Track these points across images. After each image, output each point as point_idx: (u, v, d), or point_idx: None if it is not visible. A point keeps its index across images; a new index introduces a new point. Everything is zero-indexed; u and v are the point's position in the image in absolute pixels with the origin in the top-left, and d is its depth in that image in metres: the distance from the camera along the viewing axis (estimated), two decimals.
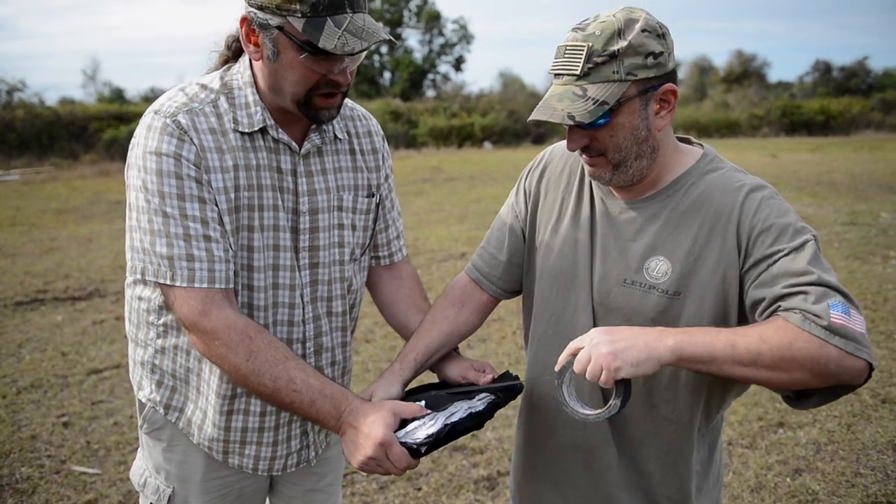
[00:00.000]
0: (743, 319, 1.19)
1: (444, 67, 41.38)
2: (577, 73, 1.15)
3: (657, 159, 1.24)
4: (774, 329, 1.06)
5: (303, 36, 1.19)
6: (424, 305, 1.61)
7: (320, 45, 1.18)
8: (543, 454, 1.43)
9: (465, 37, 41.09)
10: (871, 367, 1.06)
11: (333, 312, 1.48)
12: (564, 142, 1.37)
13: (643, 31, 1.15)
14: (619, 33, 1.14)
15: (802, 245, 1.12)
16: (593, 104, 1.14)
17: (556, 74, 1.20)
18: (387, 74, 39.46)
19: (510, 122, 27.61)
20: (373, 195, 1.52)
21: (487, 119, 27.09)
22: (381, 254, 1.62)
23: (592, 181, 1.34)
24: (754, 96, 36.33)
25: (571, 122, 1.14)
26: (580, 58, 1.15)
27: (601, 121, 1.16)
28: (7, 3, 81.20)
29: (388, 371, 1.42)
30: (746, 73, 44.07)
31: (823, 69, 43.67)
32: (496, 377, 1.40)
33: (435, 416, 1.22)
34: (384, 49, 38.74)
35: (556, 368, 1.17)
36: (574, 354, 1.14)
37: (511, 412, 3.51)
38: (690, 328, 1.13)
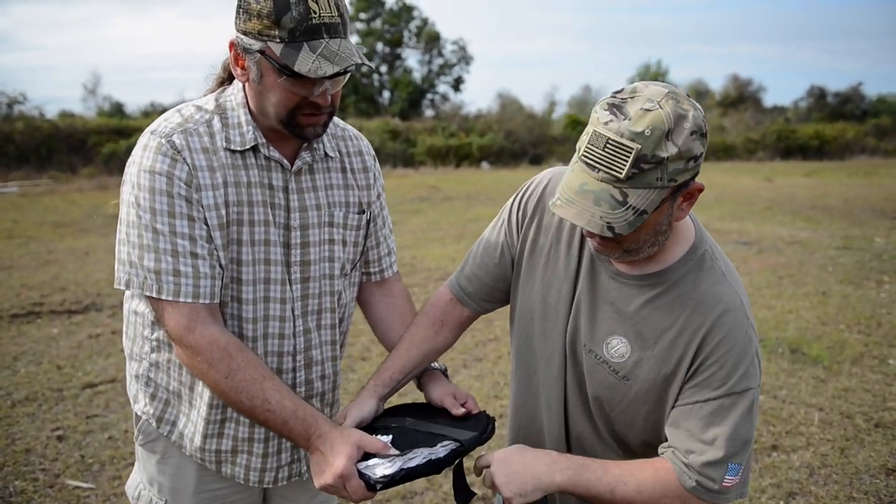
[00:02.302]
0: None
1: (442, 87, 41.66)
2: (620, 176, 1.05)
3: None
4: (655, 480, 1.20)
5: (281, 60, 1.25)
6: None
7: (295, 68, 1.24)
8: None
9: (464, 58, 41.44)
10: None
11: (323, 326, 1.52)
12: (556, 169, 1.40)
13: (692, 133, 1.06)
14: (669, 135, 1.04)
15: (739, 396, 1.17)
16: (633, 214, 1.06)
17: (590, 165, 1.08)
18: (386, 94, 39.68)
19: (508, 143, 27.75)
20: (363, 212, 1.56)
21: (485, 139, 27.22)
22: (371, 270, 1.66)
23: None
24: (750, 120, 36.61)
25: (611, 235, 1.08)
26: (626, 160, 1.04)
27: None
28: (7, 15, 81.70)
29: (365, 389, 1.45)
30: (742, 97, 44.45)
31: (818, 94, 44.07)
32: (472, 413, 1.43)
33: (393, 460, 1.26)
34: (384, 68, 39.04)
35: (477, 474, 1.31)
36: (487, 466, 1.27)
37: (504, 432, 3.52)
38: (583, 465, 1.23)
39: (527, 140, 28.55)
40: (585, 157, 1.09)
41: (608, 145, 1.05)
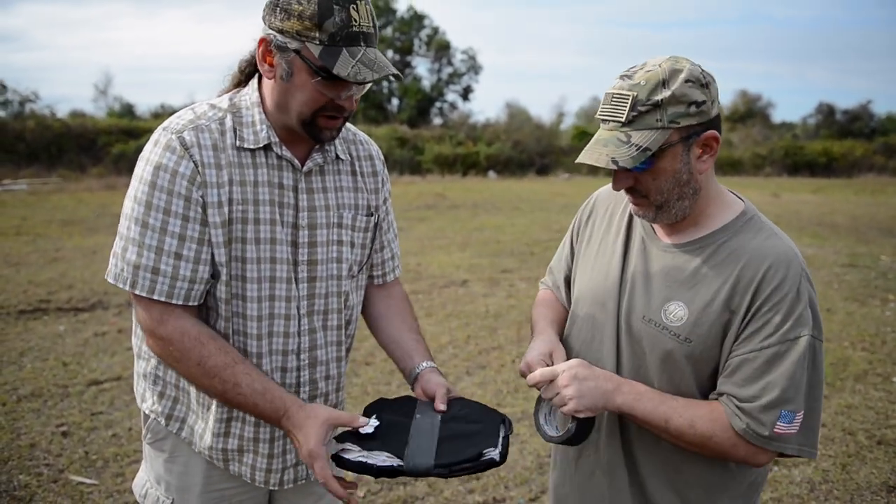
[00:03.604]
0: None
1: (451, 96, 41.80)
2: (622, 120, 1.23)
3: (700, 200, 1.32)
4: (709, 418, 1.25)
5: (319, 62, 1.28)
6: (414, 324, 1.67)
7: (335, 71, 1.27)
8: (571, 475, 1.51)
9: (474, 67, 41.60)
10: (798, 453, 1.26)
11: (329, 326, 1.53)
12: (606, 187, 1.54)
13: (687, 81, 1.21)
14: (664, 83, 1.21)
15: (793, 343, 1.22)
16: (636, 150, 1.21)
17: (602, 120, 1.27)
18: (395, 101, 39.84)
19: (515, 153, 27.81)
20: (371, 215, 1.58)
21: (492, 148, 27.30)
22: (375, 273, 1.68)
23: (637, 221, 1.44)
24: (758, 136, 36.57)
25: (615, 167, 1.22)
26: (625, 106, 1.22)
27: (643, 165, 1.24)
28: (21, 14, 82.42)
29: (545, 330, 1.51)
30: (751, 112, 44.41)
31: (827, 111, 44.00)
32: (451, 400, 1.45)
33: (361, 451, 1.31)
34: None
35: (532, 384, 1.34)
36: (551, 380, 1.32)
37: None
38: (644, 392, 1.29)
39: (534, 150, 28.60)
40: (600, 115, 1.28)
41: (613, 99, 1.25)
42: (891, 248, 9.73)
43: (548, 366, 1.36)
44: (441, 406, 1.44)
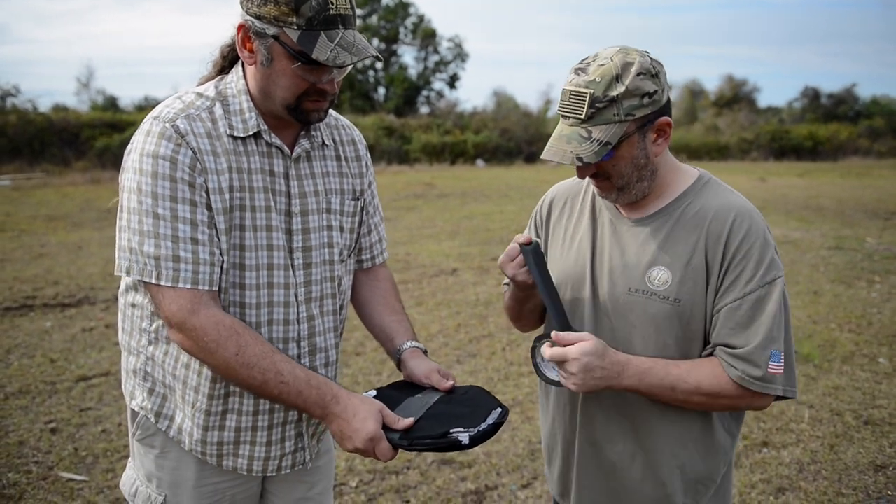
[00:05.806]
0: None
1: (438, 84, 41.62)
2: (582, 117, 1.28)
3: (657, 178, 1.40)
4: (712, 377, 1.32)
5: (297, 46, 1.27)
6: (398, 307, 1.67)
7: (313, 56, 1.27)
8: (557, 446, 1.56)
9: (460, 55, 41.40)
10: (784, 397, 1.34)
11: (325, 312, 1.53)
12: (562, 182, 1.63)
13: (639, 74, 1.27)
14: (617, 78, 1.26)
15: (770, 286, 1.31)
16: (598, 145, 1.28)
17: (563, 116, 1.33)
18: (381, 90, 39.62)
19: (503, 141, 27.77)
20: (357, 199, 1.59)
21: (480, 137, 27.24)
22: (363, 257, 1.68)
23: (601, 207, 1.50)
24: (744, 120, 36.71)
25: (580, 164, 1.29)
26: (584, 104, 1.27)
27: (605, 157, 1.30)
28: (2, 8, 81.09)
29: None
30: (737, 97, 44.58)
31: (812, 95, 44.18)
32: (455, 386, 1.50)
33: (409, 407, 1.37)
34: (379, 65, 38.99)
35: (549, 332, 1.36)
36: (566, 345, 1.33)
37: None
38: (649, 368, 1.33)
39: (522, 138, 28.57)
40: (560, 111, 1.33)
41: (571, 96, 1.30)
42: (876, 230, 9.82)
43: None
44: (446, 384, 1.48)
